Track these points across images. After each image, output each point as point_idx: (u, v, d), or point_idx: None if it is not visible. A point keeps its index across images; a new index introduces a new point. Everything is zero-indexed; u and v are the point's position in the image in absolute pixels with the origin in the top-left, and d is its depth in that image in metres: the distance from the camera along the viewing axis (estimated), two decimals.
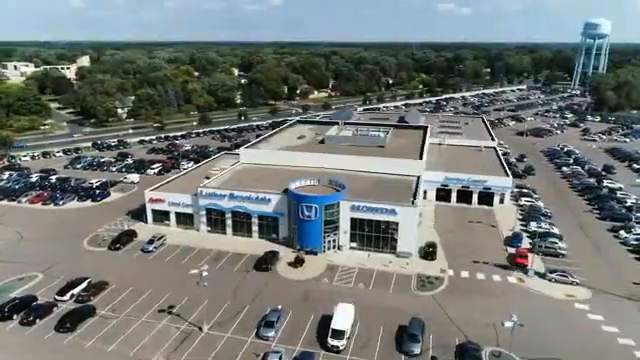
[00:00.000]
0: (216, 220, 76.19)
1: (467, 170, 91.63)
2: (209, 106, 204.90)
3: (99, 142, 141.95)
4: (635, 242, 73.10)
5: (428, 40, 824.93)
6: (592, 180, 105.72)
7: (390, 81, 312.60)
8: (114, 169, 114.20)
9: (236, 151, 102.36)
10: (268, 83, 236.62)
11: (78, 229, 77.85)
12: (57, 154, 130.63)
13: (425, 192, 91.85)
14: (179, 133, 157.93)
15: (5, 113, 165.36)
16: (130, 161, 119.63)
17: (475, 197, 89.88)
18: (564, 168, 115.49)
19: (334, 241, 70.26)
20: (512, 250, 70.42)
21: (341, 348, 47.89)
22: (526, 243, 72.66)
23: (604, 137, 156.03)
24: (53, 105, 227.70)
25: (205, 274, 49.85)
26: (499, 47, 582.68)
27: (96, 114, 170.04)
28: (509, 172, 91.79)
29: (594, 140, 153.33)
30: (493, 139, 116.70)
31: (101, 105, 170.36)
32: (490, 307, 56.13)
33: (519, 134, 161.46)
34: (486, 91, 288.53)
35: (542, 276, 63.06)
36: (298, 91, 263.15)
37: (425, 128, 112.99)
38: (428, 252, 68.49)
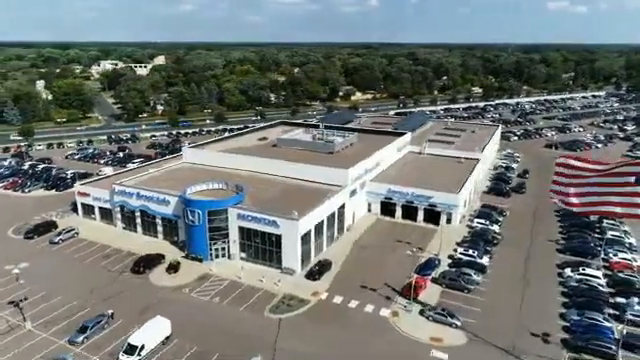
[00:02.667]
0: (129, 218, 76.67)
1: (420, 184, 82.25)
2: (240, 105, 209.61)
3: (112, 136, 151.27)
4: (575, 284, 60.14)
5: (529, 42, 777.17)
6: None
7: (445, 83, 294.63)
8: (102, 162, 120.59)
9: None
10: (306, 83, 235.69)
11: (17, 216, 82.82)
12: (70, 144, 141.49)
13: (370, 205, 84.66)
14: (191, 130, 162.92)
15: (53, 106, 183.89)
16: (121, 155, 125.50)
17: (421, 214, 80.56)
18: None
19: (223, 249, 67.00)
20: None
21: None
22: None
23: None
24: (111, 100, 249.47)
25: (16, 271, 49.76)
26: (609, 49, 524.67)
27: (126, 109, 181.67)
28: (463, 189, 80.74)
29: (637, 157, 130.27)
30: (482, 151, 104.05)
31: (132, 101, 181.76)
32: (330, 341, 49.50)
33: (548, 146, 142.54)
34: (549, 97, 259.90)
35: (422, 312, 54.34)
36: (341, 93, 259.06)
37: (403, 135, 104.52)
38: (314, 271, 62.50)
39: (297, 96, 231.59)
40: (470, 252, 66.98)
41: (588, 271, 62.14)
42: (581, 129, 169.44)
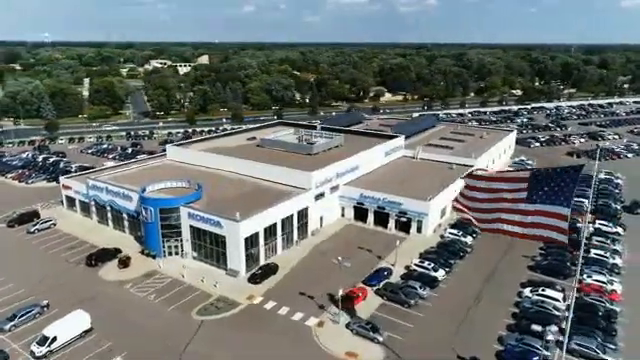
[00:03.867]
0: (102, 212, 79.26)
1: (397, 190, 78.94)
2: (265, 104, 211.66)
3: (131, 132, 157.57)
4: (529, 305, 55.20)
5: (599, 42, 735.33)
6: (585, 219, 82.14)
7: (485, 84, 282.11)
8: (110, 156, 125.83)
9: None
10: (331, 83, 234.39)
11: (12, 205, 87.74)
12: (89, 139, 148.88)
13: (343, 209, 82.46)
14: (206, 128, 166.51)
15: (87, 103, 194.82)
16: (129, 151, 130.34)
17: (392, 221, 77.31)
18: None
19: (176, 247, 67.61)
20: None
21: (37, 355, 46.38)
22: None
23: None
24: (146, 97, 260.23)
25: None
26: None
27: (153, 106, 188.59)
28: (436, 197, 76.49)
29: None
30: (477, 157, 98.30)
31: (157, 98, 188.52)
32: (241, 348, 48.49)
33: (570, 154, 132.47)
34: (594, 101, 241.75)
35: (348, 324, 51.95)
36: (371, 94, 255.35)
37: (393, 138, 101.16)
38: (256, 274, 61.61)
39: (322, 96, 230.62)
40: (425, 264, 63.34)
41: (548, 292, 56.84)
42: (616, 137, 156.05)
